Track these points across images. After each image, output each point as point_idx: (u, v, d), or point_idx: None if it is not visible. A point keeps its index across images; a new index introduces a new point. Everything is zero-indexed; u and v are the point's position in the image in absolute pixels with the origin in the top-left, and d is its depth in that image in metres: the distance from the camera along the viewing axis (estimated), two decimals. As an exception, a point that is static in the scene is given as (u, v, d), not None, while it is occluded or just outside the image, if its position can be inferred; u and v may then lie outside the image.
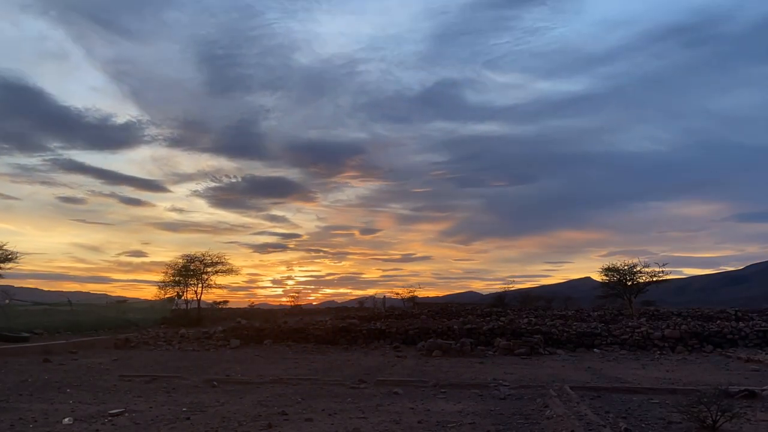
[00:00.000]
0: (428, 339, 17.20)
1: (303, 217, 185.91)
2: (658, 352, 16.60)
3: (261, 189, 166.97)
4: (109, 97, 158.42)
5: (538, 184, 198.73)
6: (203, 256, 33.89)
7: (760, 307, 38.69)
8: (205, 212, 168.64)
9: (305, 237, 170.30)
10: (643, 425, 6.77)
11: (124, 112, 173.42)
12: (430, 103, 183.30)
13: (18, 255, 26.51)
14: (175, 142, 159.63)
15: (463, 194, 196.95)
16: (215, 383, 10.25)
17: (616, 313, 29.22)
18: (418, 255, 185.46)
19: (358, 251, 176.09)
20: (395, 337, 19.23)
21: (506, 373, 11.94)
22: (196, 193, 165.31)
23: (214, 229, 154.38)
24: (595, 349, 17.29)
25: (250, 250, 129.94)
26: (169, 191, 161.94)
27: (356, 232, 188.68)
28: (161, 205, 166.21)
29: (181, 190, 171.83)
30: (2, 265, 26.02)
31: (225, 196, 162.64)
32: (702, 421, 6.46)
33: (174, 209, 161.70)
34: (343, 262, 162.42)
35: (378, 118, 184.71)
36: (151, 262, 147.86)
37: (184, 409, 7.85)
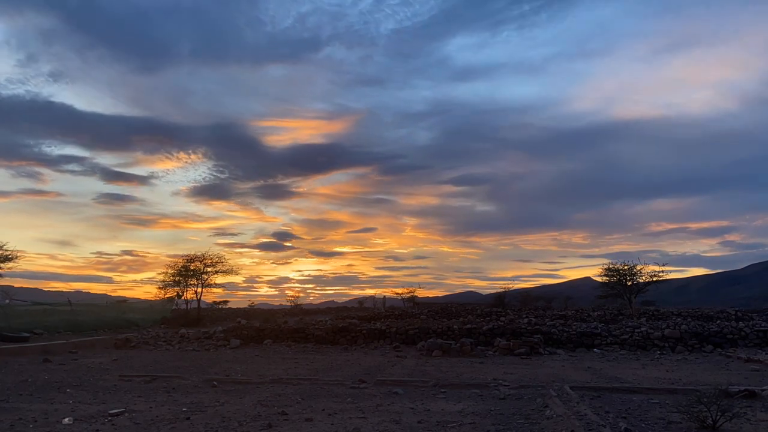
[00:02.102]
0: (428, 339, 17.20)
1: (278, 211, 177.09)
2: (658, 352, 16.59)
3: (226, 178, 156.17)
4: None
5: (553, 167, 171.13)
6: (203, 255, 33.90)
7: (760, 307, 38.71)
8: (173, 205, 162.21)
9: (284, 233, 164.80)
10: (643, 425, 6.76)
11: (50, 83, 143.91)
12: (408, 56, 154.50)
13: (18, 255, 26.52)
14: (126, 118, 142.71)
15: (458, 179, 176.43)
16: (215, 383, 10.25)
17: (616, 313, 29.23)
18: (408, 252, 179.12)
19: (344, 249, 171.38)
20: (395, 337, 19.22)
21: (506, 373, 11.94)
22: (157, 178, 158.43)
23: (186, 222, 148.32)
24: (595, 349, 17.29)
25: (233, 247, 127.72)
26: (131, 176, 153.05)
27: (341, 228, 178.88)
28: (128, 195, 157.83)
29: (140, 173, 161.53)
30: (2, 265, 25.99)
31: (195, 186, 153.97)
32: (702, 421, 6.46)
33: (141, 201, 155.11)
34: (331, 260, 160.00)
35: (346, 82, 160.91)
36: (133, 260, 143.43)
37: (184, 409, 7.85)
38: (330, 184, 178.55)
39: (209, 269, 33.46)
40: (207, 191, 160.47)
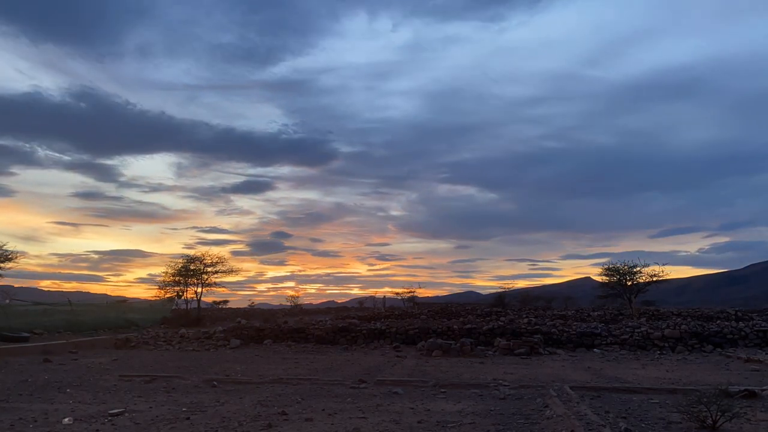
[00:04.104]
0: (428, 339, 17.20)
1: (252, 204, 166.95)
2: (658, 352, 16.60)
3: (187, 167, 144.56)
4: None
5: (578, 146, 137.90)
6: (203, 256, 33.90)
7: (760, 307, 38.70)
8: (139, 198, 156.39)
9: (261, 229, 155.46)
10: (643, 425, 6.77)
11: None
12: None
13: (18, 254, 26.48)
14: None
15: (449, 165, 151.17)
16: (215, 383, 10.25)
17: (616, 313, 29.23)
18: (399, 250, 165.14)
19: (332, 247, 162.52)
20: (395, 337, 19.22)
21: (506, 373, 11.94)
22: (113, 165, 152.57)
23: (158, 217, 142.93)
24: (595, 349, 17.29)
25: (219, 245, 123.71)
26: (87, 165, 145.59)
27: (324, 223, 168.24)
28: (90, 185, 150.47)
29: (88, 158, 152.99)
30: (2, 265, 25.97)
31: (157, 176, 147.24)
32: (702, 421, 6.46)
33: (103, 193, 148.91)
34: (320, 259, 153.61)
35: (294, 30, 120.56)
36: (112, 258, 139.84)
37: (184, 409, 7.85)
38: (303, 172, 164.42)
39: (209, 269, 33.46)
40: (172, 183, 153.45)
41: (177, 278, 32.95)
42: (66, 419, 7.07)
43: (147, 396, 9.00)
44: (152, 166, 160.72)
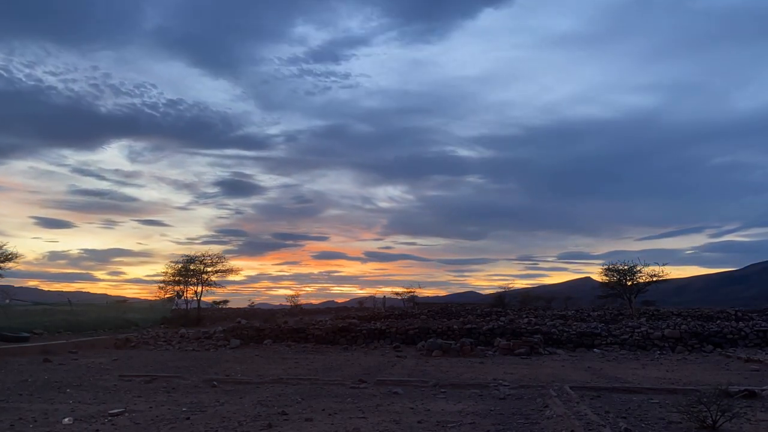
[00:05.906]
0: (428, 339, 17.20)
1: (227, 197, 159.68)
2: (658, 352, 16.60)
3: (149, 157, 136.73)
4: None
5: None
6: (203, 255, 33.91)
7: (760, 307, 38.69)
8: (115, 190, 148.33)
9: (240, 228, 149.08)
10: (643, 425, 6.77)
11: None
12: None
13: (18, 255, 26.50)
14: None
15: (444, 147, 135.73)
16: (215, 383, 10.24)
17: (616, 313, 29.24)
18: (392, 248, 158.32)
19: (324, 247, 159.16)
20: (395, 337, 19.22)
21: (506, 373, 11.94)
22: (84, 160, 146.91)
23: (133, 213, 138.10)
24: (595, 349, 17.29)
25: (207, 244, 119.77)
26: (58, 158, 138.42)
27: (310, 219, 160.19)
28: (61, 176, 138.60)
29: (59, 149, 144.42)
30: (2, 264, 25.99)
31: (126, 167, 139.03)
32: (702, 421, 6.46)
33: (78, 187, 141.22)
34: (312, 260, 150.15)
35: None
36: (92, 256, 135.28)
37: (184, 409, 7.85)
38: (273, 154, 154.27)
39: (209, 269, 33.46)
40: (129, 168, 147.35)
41: (177, 278, 32.99)
42: (66, 419, 7.07)
43: (147, 396, 9.00)
44: (104, 152, 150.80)
